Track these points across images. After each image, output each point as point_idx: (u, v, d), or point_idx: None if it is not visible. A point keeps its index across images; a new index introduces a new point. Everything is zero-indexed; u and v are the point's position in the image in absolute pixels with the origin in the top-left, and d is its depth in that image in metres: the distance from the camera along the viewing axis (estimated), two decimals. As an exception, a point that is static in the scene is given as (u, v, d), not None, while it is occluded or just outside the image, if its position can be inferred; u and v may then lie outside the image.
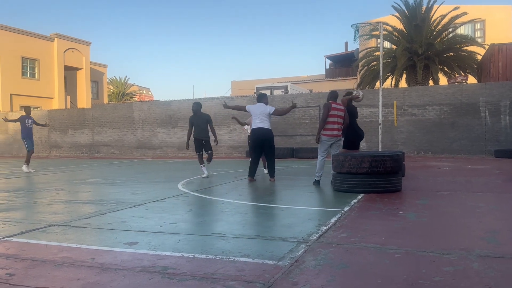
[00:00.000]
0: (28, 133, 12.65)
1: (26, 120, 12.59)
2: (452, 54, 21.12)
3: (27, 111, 12.86)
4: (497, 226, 4.29)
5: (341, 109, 8.03)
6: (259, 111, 8.43)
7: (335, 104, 8.01)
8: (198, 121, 9.67)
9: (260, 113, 8.41)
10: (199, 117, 9.73)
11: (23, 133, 12.64)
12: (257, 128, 8.38)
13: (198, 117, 9.73)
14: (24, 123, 12.55)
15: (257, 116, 8.43)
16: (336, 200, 6.25)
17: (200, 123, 9.66)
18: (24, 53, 29.57)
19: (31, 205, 6.19)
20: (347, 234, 4.01)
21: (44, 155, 23.28)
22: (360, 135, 8.28)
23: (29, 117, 12.74)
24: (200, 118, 9.70)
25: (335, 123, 7.88)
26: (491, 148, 15.29)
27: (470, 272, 2.88)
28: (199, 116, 9.75)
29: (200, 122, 9.67)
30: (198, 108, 9.83)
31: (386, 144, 16.04)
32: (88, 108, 23.99)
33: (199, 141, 9.73)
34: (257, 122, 8.42)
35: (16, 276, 3.00)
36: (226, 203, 6.12)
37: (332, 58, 41.02)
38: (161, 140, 21.04)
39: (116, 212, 5.48)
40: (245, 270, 3.00)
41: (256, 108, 8.51)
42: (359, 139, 8.28)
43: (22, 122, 12.55)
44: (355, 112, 8.38)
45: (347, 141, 8.19)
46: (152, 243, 3.82)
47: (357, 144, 8.28)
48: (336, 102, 8.10)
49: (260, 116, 8.39)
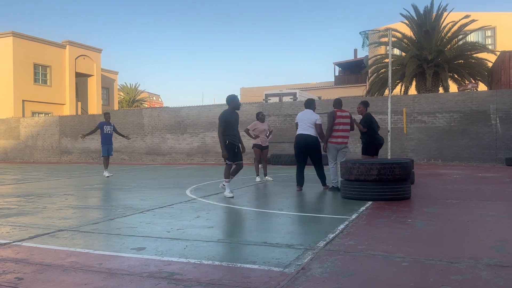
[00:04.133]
0: (105, 140, 12.62)
1: (105, 127, 12.64)
2: (462, 61, 21.00)
3: (106, 118, 12.81)
4: (507, 235, 4.24)
5: (346, 116, 8.02)
6: (305, 118, 7.98)
7: (340, 111, 8.01)
8: (233, 121, 7.38)
9: (306, 119, 7.95)
10: (235, 116, 7.46)
11: (101, 140, 12.68)
12: (301, 134, 7.91)
13: (233, 116, 7.42)
14: (103, 130, 12.62)
15: (303, 122, 7.95)
16: (344, 207, 6.22)
17: (234, 123, 7.44)
18: (37, 59, 30.00)
19: (41, 210, 6.25)
20: (355, 242, 3.99)
21: (55, 161, 23.51)
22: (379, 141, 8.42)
23: (108, 123, 12.75)
24: (235, 117, 7.45)
25: (339, 130, 7.88)
26: (502, 156, 15.11)
27: (478, 281, 2.85)
28: (235, 115, 7.48)
29: (234, 122, 7.44)
30: (236, 103, 7.45)
31: (395, 151, 15.94)
32: (98, 115, 24.21)
33: (234, 146, 7.40)
34: (302, 128, 7.93)
35: (24, 280, 3.03)
36: (233, 210, 6.12)
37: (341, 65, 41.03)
38: (170, 146, 21.14)
39: (125, 217, 5.51)
40: (251, 277, 3.00)
41: (303, 114, 8.07)
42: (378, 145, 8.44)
43: (101, 128, 12.62)
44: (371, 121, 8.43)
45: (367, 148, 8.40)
46: (159, 249, 3.83)
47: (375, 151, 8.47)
48: (341, 109, 8.11)
49: (306, 123, 7.91)
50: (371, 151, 8.45)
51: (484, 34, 27.62)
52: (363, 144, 8.54)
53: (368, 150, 8.46)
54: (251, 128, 10.26)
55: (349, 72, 40.09)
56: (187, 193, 8.04)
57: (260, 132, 10.11)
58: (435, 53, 20.25)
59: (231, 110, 7.38)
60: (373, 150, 8.46)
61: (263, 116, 10.33)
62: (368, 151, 8.46)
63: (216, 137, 20.02)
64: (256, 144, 10.15)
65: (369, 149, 8.45)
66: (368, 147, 8.45)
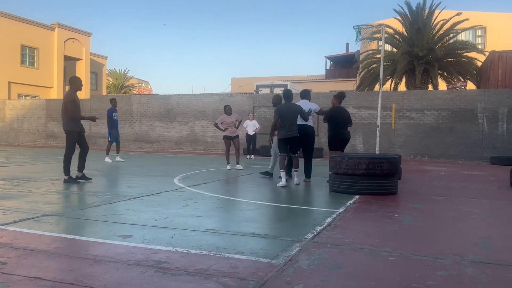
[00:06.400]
0: (113, 125, 12.74)
1: (114, 114, 12.79)
2: (452, 60, 21.14)
3: (113, 104, 12.81)
4: (491, 233, 4.30)
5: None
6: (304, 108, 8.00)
7: None
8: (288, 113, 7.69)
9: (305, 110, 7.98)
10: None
11: (109, 125, 12.76)
12: (300, 124, 7.86)
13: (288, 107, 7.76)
14: (112, 116, 12.73)
15: None
16: (331, 200, 6.26)
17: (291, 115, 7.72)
18: (24, 41, 29.40)
19: (26, 194, 6.16)
20: (342, 235, 4.01)
21: (41, 145, 23.19)
22: (341, 136, 8.22)
23: (115, 110, 12.88)
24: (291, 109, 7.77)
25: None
26: (487, 155, 15.33)
27: (464, 277, 2.88)
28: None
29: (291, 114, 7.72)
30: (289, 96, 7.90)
31: (383, 147, 16.05)
32: (86, 99, 23.88)
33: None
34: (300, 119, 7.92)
35: (8, 265, 2.98)
36: (221, 200, 6.11)
37: (332, 59, 41.05)
38: (159, 134, 20.99)
39: (111, 204, 5.46)
40: (239, 267, 3.00)
41: (301, 105, 8.08)
42: (339, 140, 8.23)
43: (110, 116, 12.72)
44: (331, 114, 8.26)
45: (330, 142, 8.23)
46: (146, 237, 3.81)
47: (339, 145, 8.26)
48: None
49: None
50: (334, 145, 8.19)
51: (474, 34, 27.82)
52: (328, 138, 8.31)
53: (331, 145, 8.24)
54: (219, 121, 10.87)
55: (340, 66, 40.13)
56: (175, 181, 8.00)
57: (228, 124, 10.78)
58: (426, 50, 20.35)
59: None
60: (335, 145, 8.19)
61: (230, 109, 10.98)
62: (331, 145, 8.23)
63: (205, 126, 19.93)
64: (226, 135, 10.89)
65: (331, 144, 8.23)
66: (331, 142, 8.25)
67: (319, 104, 17.56)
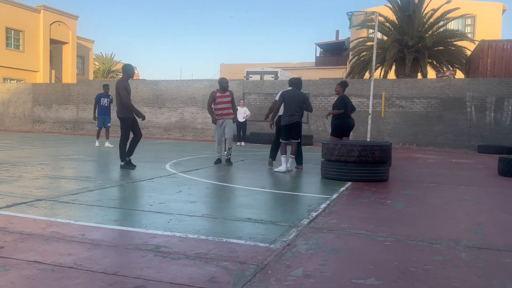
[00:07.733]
0: (100, 111, 12.67)
1: (102, 99, 12.69)
2: (442, 48, 21.25)
3: (105, 89, 12.74)
4: (483, 219, 4.38)
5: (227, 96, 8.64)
6: None
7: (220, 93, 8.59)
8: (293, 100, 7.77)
9: None
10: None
11: (98, 111, 12.67)
12: None
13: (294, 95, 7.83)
14: (99, 102, 12.66)
15: None
16: (324, 187, 6.30)
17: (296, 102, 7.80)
18: (9, 23, 28.70)
19: (16, 178, 6.07)
20: (337, 221, 4.04)
21: (27, 129, 22.84)
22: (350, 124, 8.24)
23: (106, 96, 12.76)
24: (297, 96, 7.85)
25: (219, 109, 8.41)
26: (475, 143, 15.55)
27: (459, 261, 2.94)
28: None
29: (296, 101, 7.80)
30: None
31: (372, 134, 16.09)
32: (73, 84, 23.51)
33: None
34: None
35: (5, 249, 2.95)
36: (215, 186, 6.11)
37: (322, 46, 40.93)
38: (147, 120, 20.72)
39: (104, 189, 5.42)
40: (238, 251, 3.01)
41: None
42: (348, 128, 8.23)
43: (98, 100, 12.67)
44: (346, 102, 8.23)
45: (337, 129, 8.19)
46: (142, 222, 3.80)
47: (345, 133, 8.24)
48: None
49: None
50: (341, 133, 8.13)
51: (464, 22, 27.96)
52: (333, 125, 8.22)
53: (337, 132, 8.14)
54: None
55: (330, 54, 40.05)
56: (167, 167, 7.97)
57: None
58: (416, 39, 20.40)
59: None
60: (343, 132, 8.14)
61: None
62: (337, 132, 8.13)
63: (195, 113, 19.82)
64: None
65: (338, 131, 8.13)
66: (338, 129, 8.13)
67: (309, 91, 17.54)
